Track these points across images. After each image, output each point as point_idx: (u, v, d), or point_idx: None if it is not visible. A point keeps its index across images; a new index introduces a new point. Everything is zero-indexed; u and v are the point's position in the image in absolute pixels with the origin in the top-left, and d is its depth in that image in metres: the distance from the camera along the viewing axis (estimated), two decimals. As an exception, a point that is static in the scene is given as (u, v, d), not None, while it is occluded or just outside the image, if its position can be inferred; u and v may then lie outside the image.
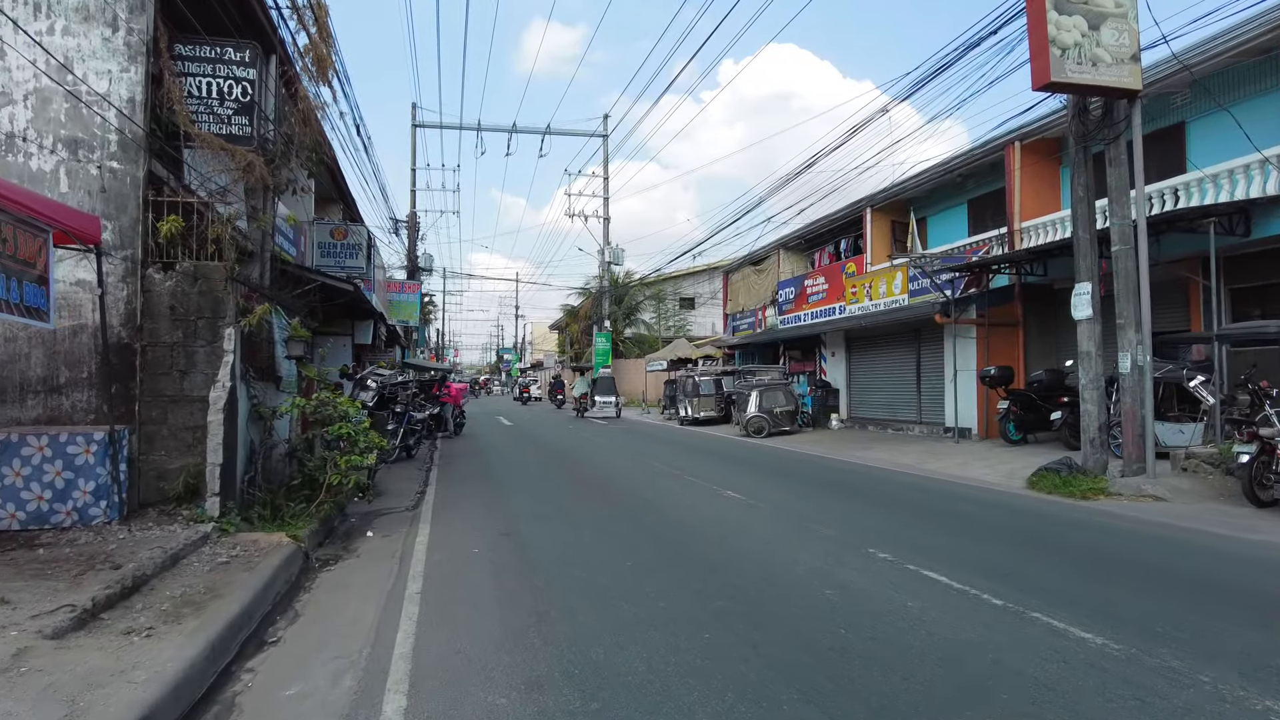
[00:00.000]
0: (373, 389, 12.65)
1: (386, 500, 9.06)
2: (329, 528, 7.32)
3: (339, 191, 16.60)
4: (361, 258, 15.43)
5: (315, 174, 10.81)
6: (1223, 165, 11.41)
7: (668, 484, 10.08)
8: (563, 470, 11.91)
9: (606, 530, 6.88)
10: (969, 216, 18.77)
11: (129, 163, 6.53)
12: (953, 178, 18.26)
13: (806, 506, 8.23)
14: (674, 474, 11.03)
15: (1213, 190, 11.73)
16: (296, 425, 7.82)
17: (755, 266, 27.72)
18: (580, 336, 51.34)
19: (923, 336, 17.37)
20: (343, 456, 6.88)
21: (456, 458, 13.72)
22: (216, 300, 6.70)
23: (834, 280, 21.73)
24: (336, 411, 7.13)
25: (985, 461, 12.34)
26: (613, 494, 9.28)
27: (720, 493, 9.12)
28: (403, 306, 23.08)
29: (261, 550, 5.81)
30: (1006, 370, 13.90)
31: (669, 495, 9.09)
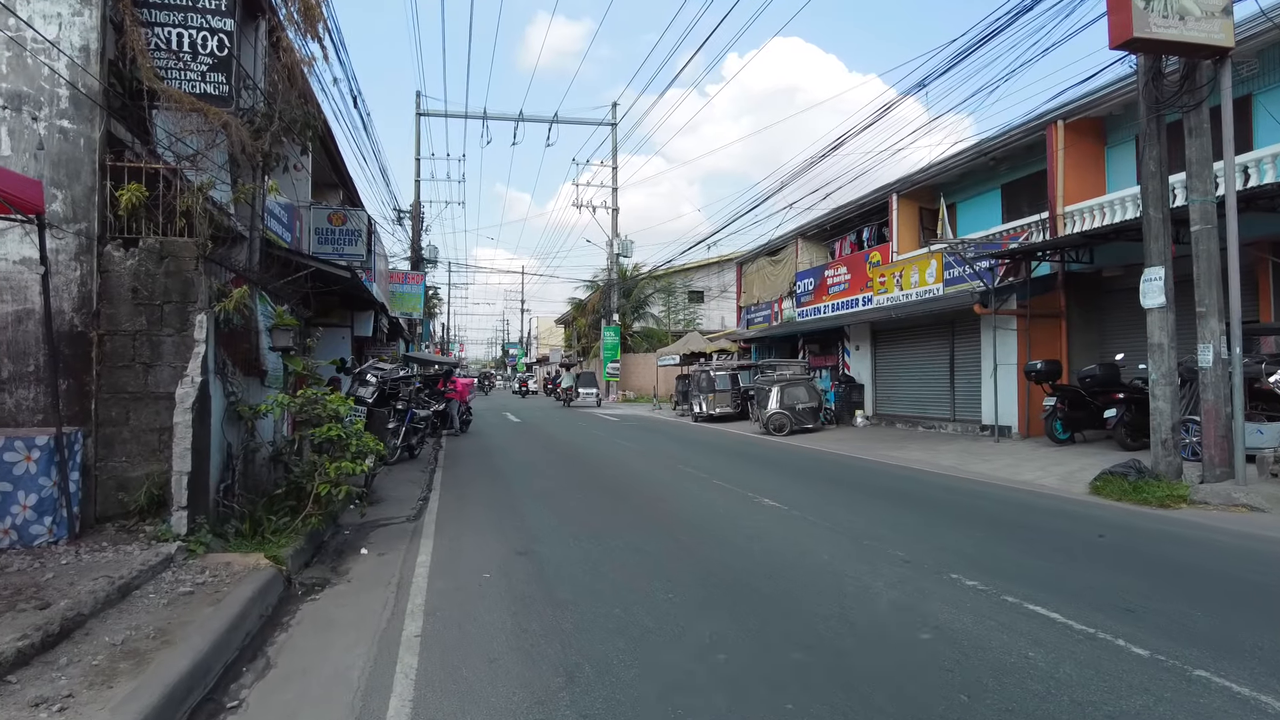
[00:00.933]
0: (372, 384, 11.74)
1: (385, 508, 8.15)
2: (318, 543, 6.41)
3: (337, 174, 15.68)
4: (361, 244, 14.50)
5: (308, 148, 9.88)
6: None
7: (696, 489, 9.15)
8: (579, 472, 10.99)
9: (638, 549, 5.95)
10: (1002, 202, 17.75)
11: (83, 122, 5.61)
12: (985, 161, 17.23)
13: (857, 518, 7.28)
14: (700, 477, 10.10)
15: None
16: (283, 426, 6.91)
17: (771, 257, 26.72)
18: (587, 330, 50.41)
19: (957, 328, 16.38)
20: (332, 463, 5.96)
21: (463, 458, 12.82)
22: (186, 282, 5.78)
23: (857, 270, 20.73)
24: (325, 411, 6.21)
25: (1035, 463, 11.38)
26: (638, 502, 8.35)
27: (756, 500, 8.19)
28: (406, 298, 22.18)
29: (234, 576, 4.91)
30: (1054, 364, 12.92)
31: (701, 503, 8.15)
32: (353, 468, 5.95)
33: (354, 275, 10.74)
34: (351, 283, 11.08)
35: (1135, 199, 13.04)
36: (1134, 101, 14.05)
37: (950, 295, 15.69)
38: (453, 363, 23.56)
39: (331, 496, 5.95)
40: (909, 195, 19.71)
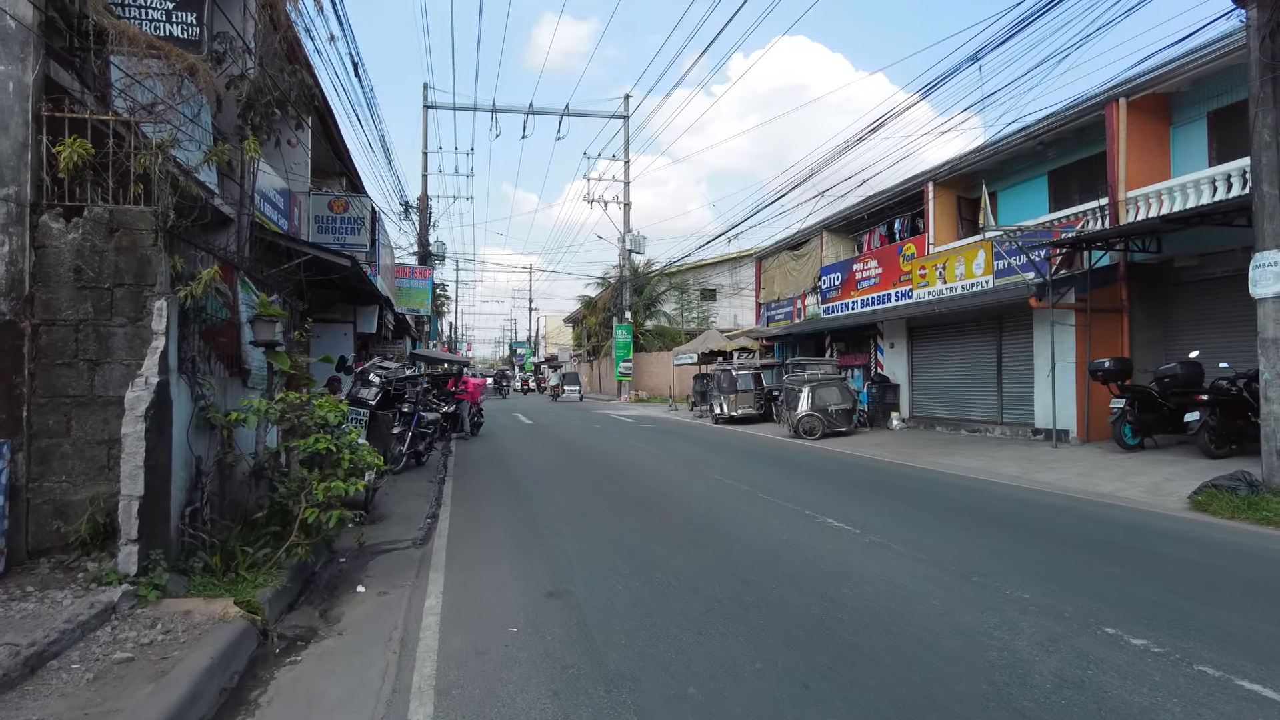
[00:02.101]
0: (375, 385, 10.66)
1: (389, 528, 7.08)
2: (306, 576, 5.34)
3: (338, 157, 14.60)
4: (364, 234, 13.44)
5: (304, 123, 8.82)
6: None
7: (742, 505, 8.04)
8: (605, 483, 9.89)
9: (695, 589, 4.83)
10: (1050, 189, 16.56)
11: (11, 61, 4.54)
12: (1032, 146, 16.02)
13: (946, 545, 6.14)
14: (741, 490, 8.98)
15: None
16: (267, 435, 5.83)
17: (793, 251, 25.56)
18: (598, 329, 49.34)
19: (1006, 324, 15.20)
20: (320, 483, 4.87)
21: (474, 466, 11.73)
22: (142, 260, 4.71)
23: (889, 263, 19.57)
24: (312, 418, 5.12)
25: (1110, 472, 10.22)
26: (679, 522, 7.24)
27: (819, 521, 7.07)
28: (413, 294, 21.12)
29: (193, 631, 3.83)
30: (1124, 363, 11.74)
31: (754, 525, 7.04)
32: (345, 488, 4.86)
33: (355, 264, 9.68)
34: (352, 273, 10.02)
35: (1212, 181, 11.89)
36: (1205, 77, 12.97)
37: (1001, 288, 14.51)
38: (462, 361, 22.48)
39: (320, 523, 4.86)
40: (946, 183, 18.52)
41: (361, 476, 5.14)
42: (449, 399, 15.29)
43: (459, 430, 15.91)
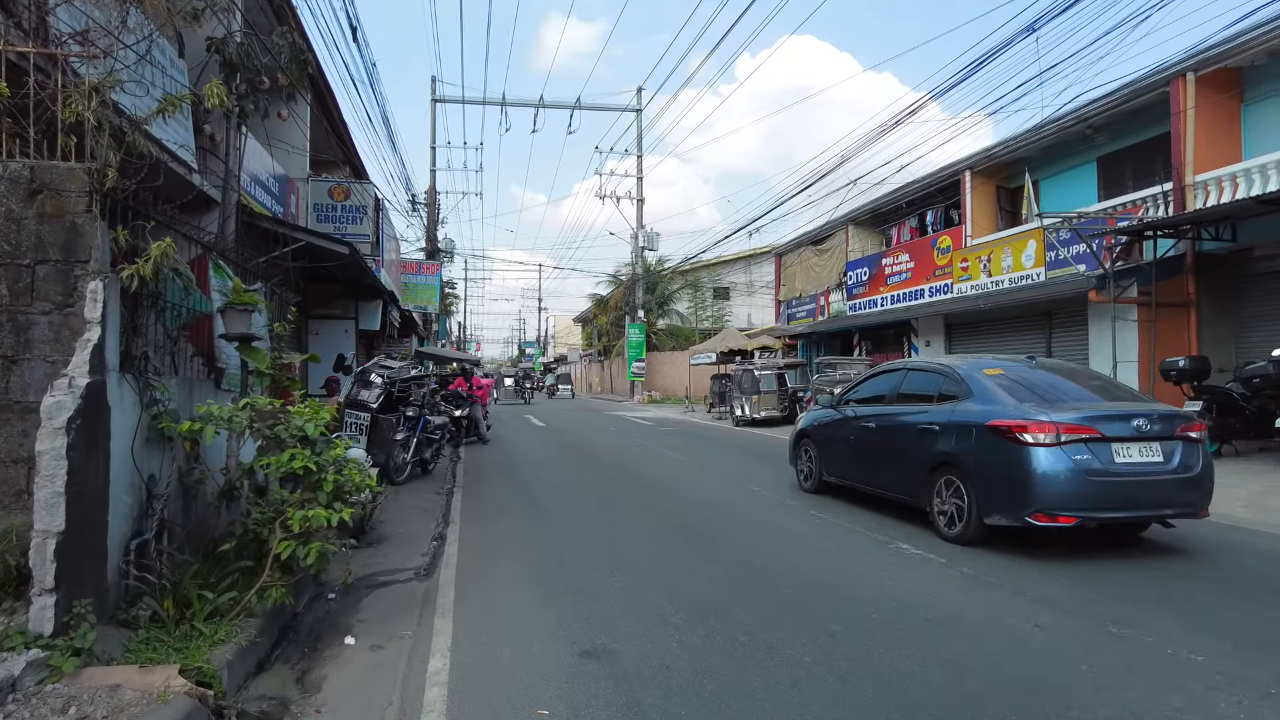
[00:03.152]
0: (378, 386, 9.71)
1: (388, 553, 6.10)
2: (283, 622, 4.35)
3: (336, 136, 13.64)
4: (367, 223, 12.51)
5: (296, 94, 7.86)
6: None
7: (795, 526, 7.01)
8: (633, 496, 8.88)
9: (775, 650, 3.81)
10: (1099, 177, 15.45)
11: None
12: (1080, 130, 14.92)
13: (1054, 578, 5.10)
14: (788, 505, 7.96)
15: None
16: (239, 446, 4.84)
17: (816, 246, 24.50)
18: (609, 328, 48.30)
19: (1056, 319, 14.12)
20: (297, 510, 3.88)
21: (486, 475, 10.74)
22: (71, 231, 3.73)
23: (922, 257, 18.51)
24: (289, 430, 4.13)
25: (1194, 484, 9.14)
26: (730, 549, 6.22)
27: (889, 547, 6.04)
28: (420, 290, 20.19)
29: (118, 717, 2.86)
30: (1201, 362, 10.64)
31: (817, 553, 6.02)
32: (327, 517, 3.86)
33: (353, 252, 8.72)
34: (351, 262, 9.08)
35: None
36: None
37: (1054, 281, 13.42)
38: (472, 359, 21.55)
39: (296, 559, 3.87)
40: (984, 172, 17.44)
41: (350, 502, 4.15)
42: (462, 401, 14.26)
43: (473, 436, 14.85)
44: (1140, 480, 5.63)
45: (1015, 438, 5.66)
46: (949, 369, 6.90)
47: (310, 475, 3.97)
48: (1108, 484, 5.53)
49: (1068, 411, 5.77)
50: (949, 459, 6.23)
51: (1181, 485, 5.70)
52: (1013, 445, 5.66)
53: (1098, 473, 5.51)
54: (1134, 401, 6.42)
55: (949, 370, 6.86)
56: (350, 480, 4.10)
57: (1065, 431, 5.57)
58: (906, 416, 6.98)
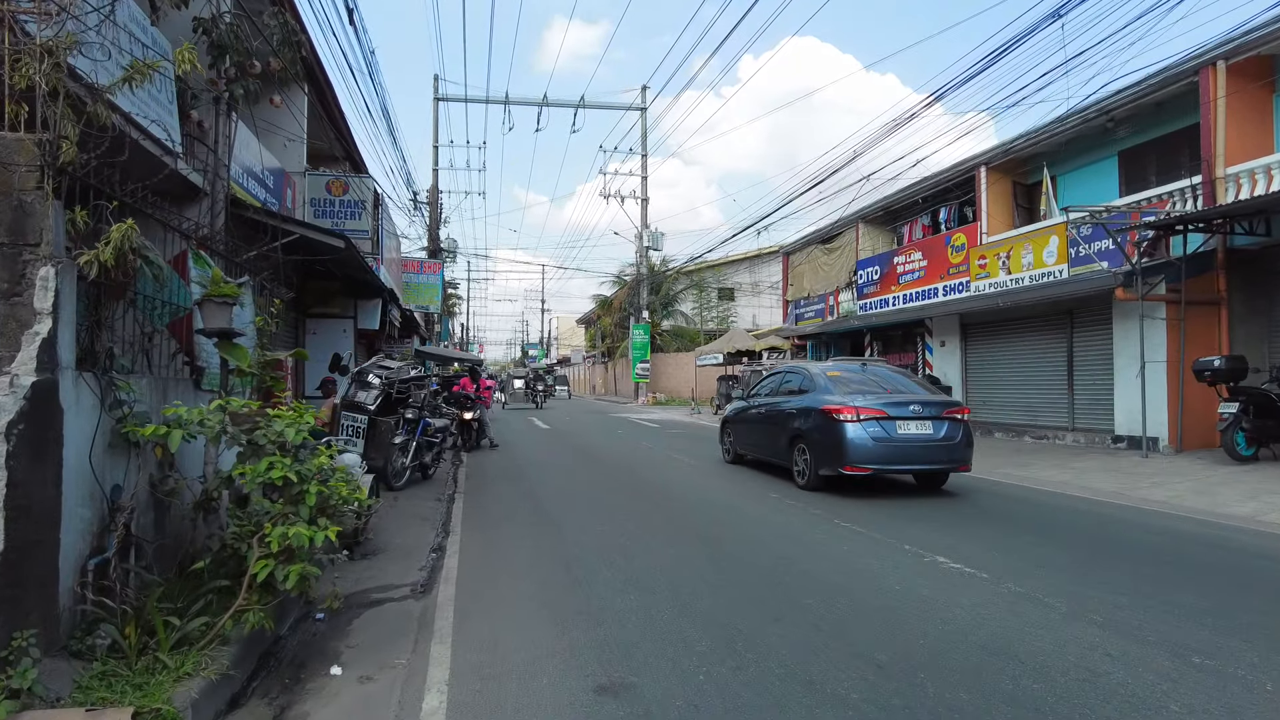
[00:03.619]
0: (376, 388, 9.28)
1: (383, 565, 5.66)
2: (263, 649, 3.91)
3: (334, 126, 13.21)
4: (366, 218, 12.09)
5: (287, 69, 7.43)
6: None
7: (821, 537, 6.55)
8: (645, 503, 8.42)
9: (816, 684, 3.36)
10: (1121, 172, 14.97)
11: None
12: (1100, 124, 14.44)
13: (1111, 596, 4.63)
14: (812, 514, 7.50)
15: None
16: (219, 452, 4.39)
17: (825, 245, 24.03)
18: (613, 329, 47.90)
19: (1078, 318, 13.63)
20: (276, 527, 3.44)
21: (489, 480, 10.29)
22: (19, 210, 3.30)
23: (936, 255, 18.04)
24: (268, 435, 3.69)
25: (1233, 489, 8.67)
26: (753, 562, 5.77)
27: (925, 560, 5.58)
28: (422, 290, 19.77)
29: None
30: (1238, 362, 10.18)
31: (848, 567, 5.56)
32: (309, 535, 3.42)
33: (349, 245, 8.29)
34: (347, 256, 8.65)
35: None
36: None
37: (1078, 278, 12.93)
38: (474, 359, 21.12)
39: (274, 581, 3.43)
40: (1000, 168, 16.96)
41: (338, 517, 3.71)
42: (471, 403, 13.76)
43: (482, 439, 14.35)
44: (915, 445, 8.36)
45: (834, 417, 8.33)
46: (805, 370, 9.89)
47: (291, 487, 3.52)
48: (892, 447, 8.21)
49: (870, 399, 8.50)
50: (800, 432, 9.02)
51: (945, 449, 8.44)
52: (834, 421, 8.33)
53: (884, 440, 8.20)
54: (918, 394, 9.01)
55: (805, 371, 9.87)
56: (337, 493, 3.65)
57: (863, 413, 8.27)
58: (781, 405, 9.79)
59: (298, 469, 3.54)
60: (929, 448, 8.38)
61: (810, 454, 8.72)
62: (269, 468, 3.50)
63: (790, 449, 9.22)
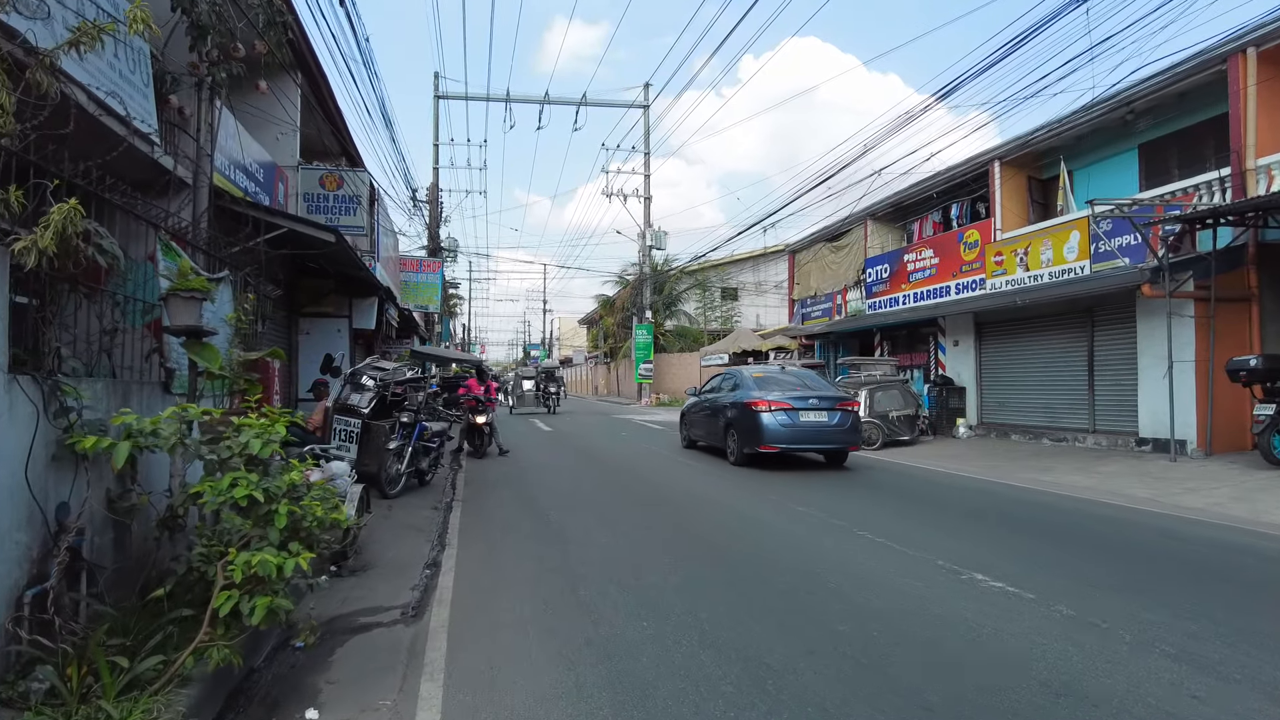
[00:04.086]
0: (370, 390, 8.83)
1: (373, 583, 5.21)
2: (233, 685, 3.46)
3: (333, 127, 12.78)
4: (362, 214, 11.65)
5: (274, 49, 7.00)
6: None
7: (847, 549, 6.10)
8: (655, 514, 7.96)
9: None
10: (1141, 165, 14.50)
11: None
12: (1120, 115, 13.98)
13: (1175, 621, 4.18)
14: (833, 525, 7.04)
15: None
16: (185, 464, 3.95)
17: (832, 243, 23.57)
18: (615, 330, 47.43)
19: (1099, 316, 13.15)
20: (240, 553, 2.99)
21: (489, 487, 9.84)
22: (-61, 186, 2.86)
23: (948, 252, 17.56)
24: (232, 447, 3.25)
25: (1273, 495, 8.21)
26: (775, 579, 5.31)
27: (963, 578, 5.13)
28: (421, 289, 19.33)
29: None
30: (1275, 361, 9.70)
31: (882, 586, 5.11)
32: (277, 564, 2.97)
33: (340, 239, 7.84)
34: (339, 251, 8.20)
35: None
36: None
37: (1101, 274, 12.46)
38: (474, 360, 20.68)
39: (240, 617, 2.98)
40: (1015, 163, 16.48)
41: (313, 541, 3.26)
42: (480, 407, 13.02)
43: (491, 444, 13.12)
44: (814, 429, 10.81)
45: (754, 409, 10.79)
46: (739, 373, 12.46)
47: (258, 507, 3.07)
48: (795, 430, 10.67)
49: (779, 395, 10.91)
50: (731, 421, 11.50)
51: (838, 432, 10.92)
52: (754, 412, 10.78)
53: (789, 425, 10.65)
54: (822, 390, 11.37)
55: (739, 374, 12.36)
56: (311, 514, 3.20)
57: (774, 405, 10.74)
58: (720, 400, 12.27)
59: (266, 487, 3.09)
60: (825, 431, 10.86)
61: (738, 437, 11.22)
62: (232, 485, 3.05)
63: (725, 434, 11.77)
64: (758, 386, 11.23)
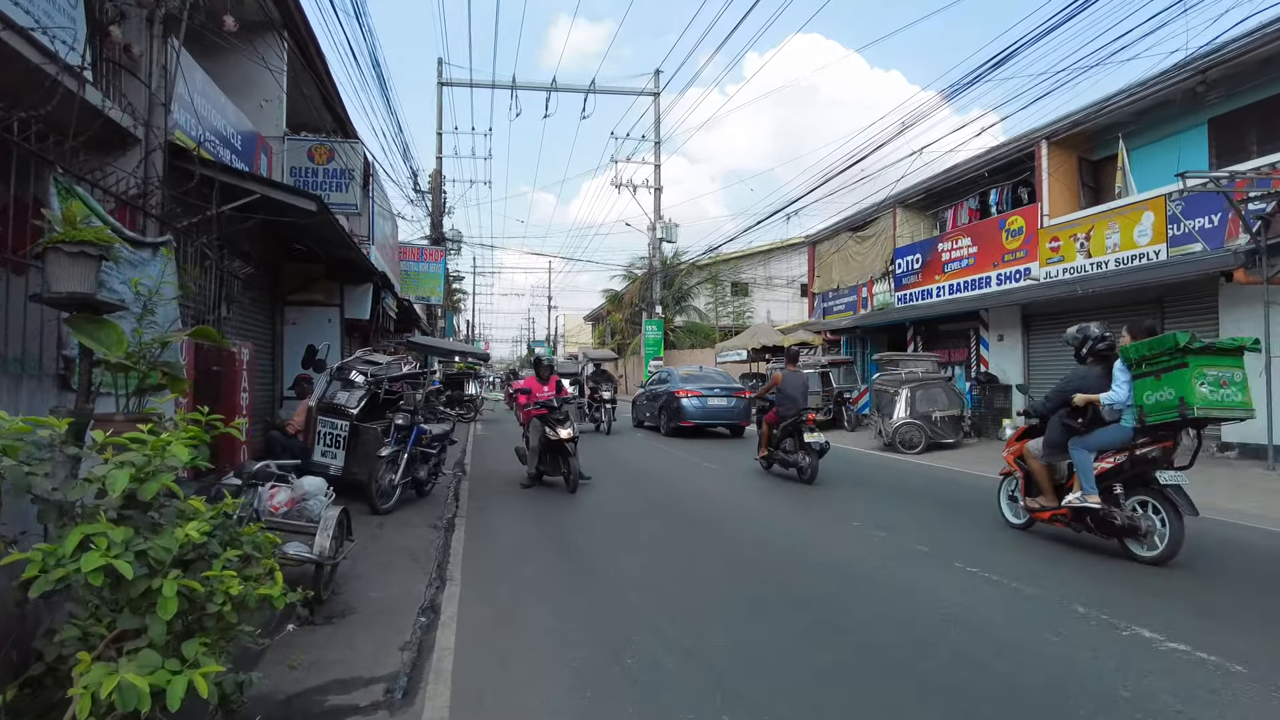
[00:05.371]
0: (360, 387, 7.64)
1: (351, 634, 4.00)
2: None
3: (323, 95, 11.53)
4: (354, 190, 10.44)
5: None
6: None
7: (947, 589, 4.88)
8: (702, 537, 6.73)
9: None
10: (1212, 141, 13.20)
11: None
12: (1189, 87, 12.68)
13: None
14: (916, 552, 5.81)
15: None
16: (77, 495, 2.75)
17: (856, 233, 22.31)
18: (623, 326, 46.14)
19: (1169, 307, 11.88)
20: (95, 666, 1.78)
21: (497, 499, 8.61)
22: None
23: (988, 240, 16.31)
24: (94, 481, 2.03)
25: None
26: (874, 639, 4.10)
27: (1121, 632, 3.90)
28: (423, 279, 18.10)
29: None
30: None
31: (1030, 651, 3.89)
32: (142, 689, 1.76)
33: (322, 209, 6.62)
34: (321, 224, 6.99)
35: None
36: None
37: (1181, 260, 11.19)
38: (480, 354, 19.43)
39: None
40: (1063, 143, 15.18)
41: (228, 637, 2.04)
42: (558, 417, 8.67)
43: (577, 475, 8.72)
44: (718, 410, 15.55)
45: (678, 396, 15.49)
46: (670, 371, 17.75)
47: (128, 586, 1.86)
48: (705, 410, 15.45)
49: (694, 386, 15.74)
50: (663, 405, 16.07)
51: (733, 413, 15.66)
52: (678, 398, 15.47)
53: (701, 408, 15.42)
54: (725, 384, 16.24)
55: (671, 373, 17.34)
56: (221, 591, 1.98)
57: (692, 394, 15.51)
58: (657, 390, 17.02)
59: (143, 549, 1.88)
60: (724, 410, 15.55)
61: (666, 416, 15.83)
62: (81, 549, 1.84)
63: (659, 415, 16.29)
64: (682, 382, 16.07)
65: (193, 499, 2.16)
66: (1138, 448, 5.35)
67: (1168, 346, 5.08)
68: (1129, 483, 5.43)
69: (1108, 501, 5.42)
